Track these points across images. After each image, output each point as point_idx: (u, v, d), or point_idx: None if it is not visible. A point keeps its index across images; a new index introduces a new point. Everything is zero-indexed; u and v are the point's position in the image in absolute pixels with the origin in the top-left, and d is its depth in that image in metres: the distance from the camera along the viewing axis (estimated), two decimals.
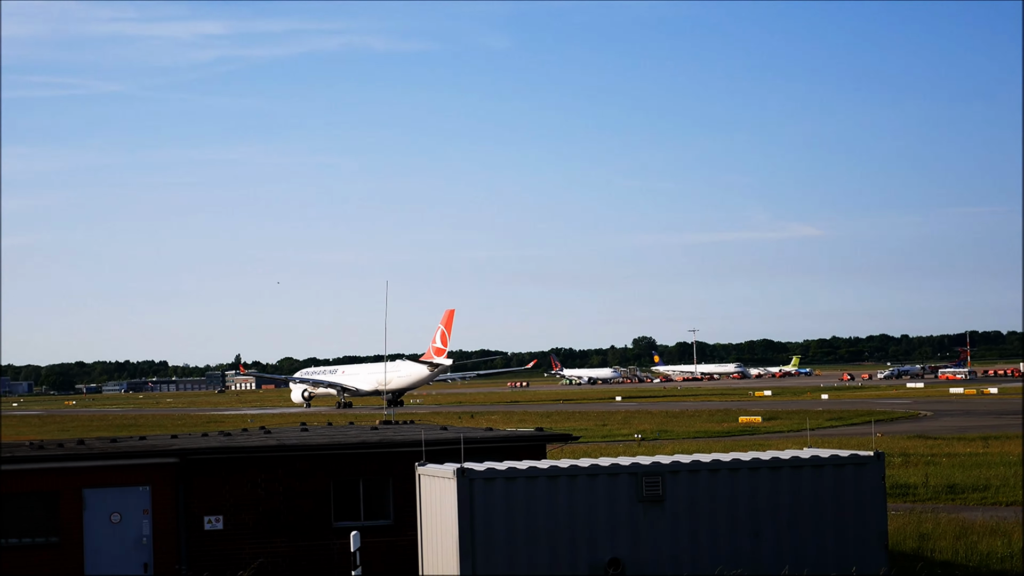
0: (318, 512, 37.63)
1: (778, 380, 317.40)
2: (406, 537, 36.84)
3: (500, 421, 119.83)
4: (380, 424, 49.11)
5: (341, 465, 37.91)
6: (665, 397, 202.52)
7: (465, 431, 42.53)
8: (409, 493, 36.00)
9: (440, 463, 32.14)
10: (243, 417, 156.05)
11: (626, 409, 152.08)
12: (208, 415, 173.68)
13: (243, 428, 52.02)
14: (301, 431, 45.46)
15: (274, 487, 37.52)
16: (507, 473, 30.20)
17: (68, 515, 35.88)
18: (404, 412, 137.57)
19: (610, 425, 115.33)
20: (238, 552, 36.91)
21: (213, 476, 37.17)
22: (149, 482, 36.57)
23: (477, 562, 29.74)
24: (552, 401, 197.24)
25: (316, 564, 37.25)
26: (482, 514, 29.93)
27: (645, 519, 30.60)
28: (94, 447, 39.04)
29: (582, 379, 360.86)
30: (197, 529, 36.87)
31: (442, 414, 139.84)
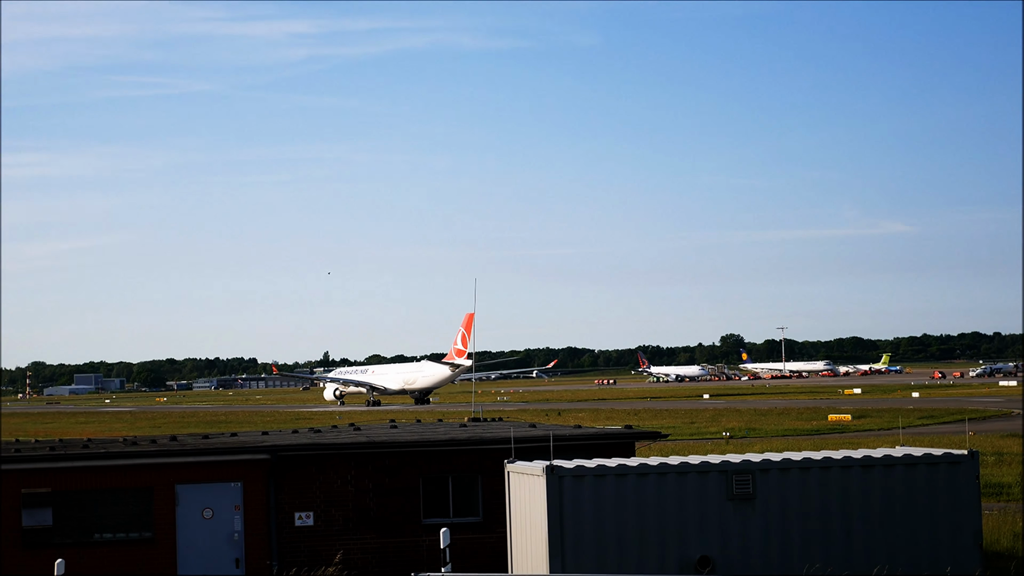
0: (407, 509, 37.78)
1: (867, 378, 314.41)
2: (495, 534, 36.90)
3: (587, 419, 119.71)
4: (469, 421, 49.21)
5: (430, 462, 38.03)
6: (753, 395, 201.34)
7: (554, 428, 42.51)
8: (498, 490, 36.04)
9: (529, 460, 32.14)
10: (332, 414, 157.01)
11: (714, 407, 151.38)
12: (297, 412, 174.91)
13: (333, 425, 52.27)
14: (391, 428, 45.64)
15: (364, 484, 37.70)
16: (596, 470, 30.16)
17: (161, 511, 36.26)
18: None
19: (698, 423, 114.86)
20: (328, 548, 37.13)
21: (304, 472, 37.41)
22: (241, 478, 36.87)
23: (566, 559, 29.72)
24: (639, 399, 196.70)
25: (405, 560, 37.38)
26: (571, 511, 29.91)
27: (735, 517, 30.45)
28: (187, 443, 39.45)
29: (669, 377, 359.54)
30: (288, 525, 37.13)
31: (529, 411, 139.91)
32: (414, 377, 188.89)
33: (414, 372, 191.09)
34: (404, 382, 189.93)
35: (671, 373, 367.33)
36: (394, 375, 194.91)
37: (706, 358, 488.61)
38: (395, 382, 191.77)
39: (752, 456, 31.77)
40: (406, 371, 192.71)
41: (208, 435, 44.04)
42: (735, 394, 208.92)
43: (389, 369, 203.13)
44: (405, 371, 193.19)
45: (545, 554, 29.84)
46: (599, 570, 29.63)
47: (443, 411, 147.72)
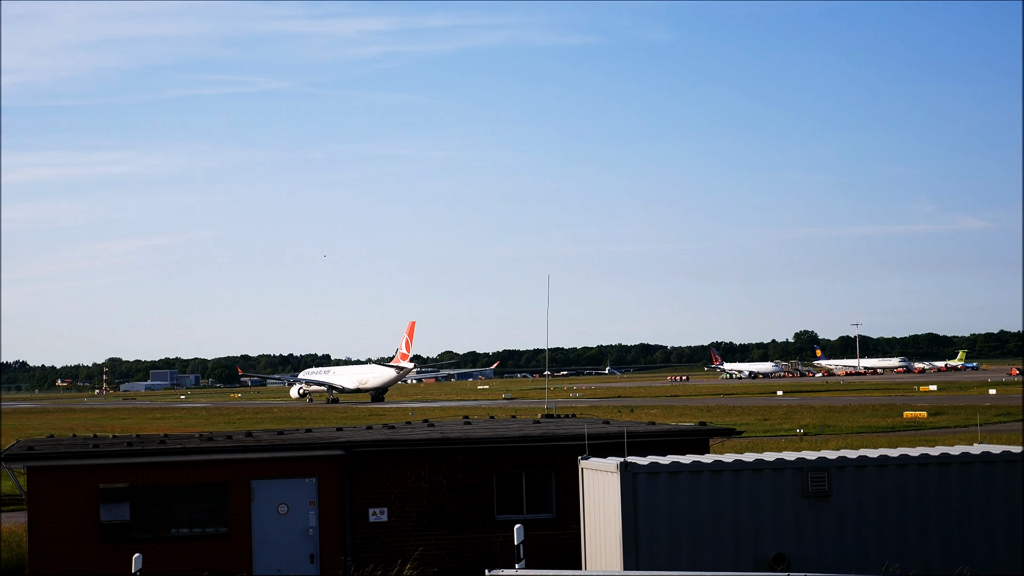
0: (481, 505, 37.82)
1: (943, 375, 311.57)
2: (569, 531, 36.88)
3: (660, 415, 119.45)
4: (542, 418, 49.20)
5: (504, 458, 38.04)
6: (827, 392, 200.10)
7: (627, 425, 42.44)
8: (572, 487, 36.03)
9: (603, 457, 32.07)
10: (405, 410, 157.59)
11: (788, 404, 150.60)
12: (370, 408, 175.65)
13: (407, 421, 52.42)
14: (464, 424, 45.71)
15: (437, 480, 37.78)
16: (671, 467, 30.05)
17: (237, 506, 36.50)
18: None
19: (771, 420, 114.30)
20: (402, 544, 37.23)
21: (378, 468, 37.54)
22: (315, 474, 37.04)
23: (640, 556, 29.64)
24: (712, 395, 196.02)
25: (479, 557, 37.43)
26: (645, 508, 29.82)
27: (810, 514, 30.25)
28: (262, 439, 39.70)
29: (743, 373, 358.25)
30: (362, 521, 37.28)
31: (601, 408, 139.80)
32: (366, 378, 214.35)
33: (366, 373, 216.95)
34: (358, 382, 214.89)
35: (744, 370, 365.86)
36: (350, 376, 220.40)
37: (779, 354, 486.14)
38: (351, 382, 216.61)
39: (828, 453, 31.55)
40: (359, 372, 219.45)
41: (283, 431, 44.28)
42: (809, 391, 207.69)
43: (346, 371, 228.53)
44: (359, 372, 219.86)
45: (619, 551, 29.78)
46: (673, 567, 29.52)
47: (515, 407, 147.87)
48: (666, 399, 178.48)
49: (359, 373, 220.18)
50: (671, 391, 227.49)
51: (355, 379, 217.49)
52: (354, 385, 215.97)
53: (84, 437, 46.08)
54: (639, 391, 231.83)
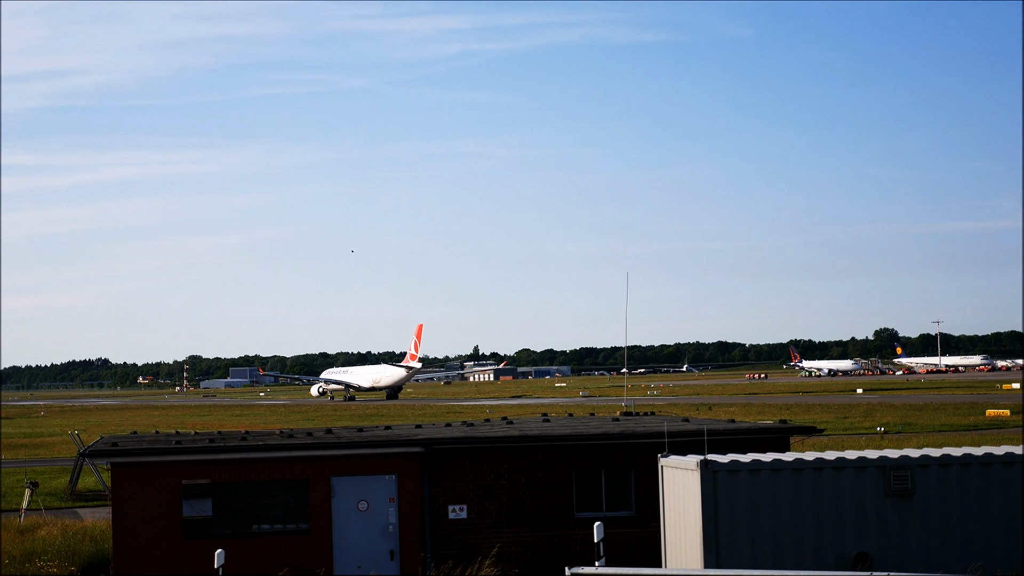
0: (560, 502, 37.79)
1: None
2: (648, 528, 36.77)
3: (738, 413, 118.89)
4: (621, 415, 49.10)
5: (583, 456, 37.99)
6: (908, 390, 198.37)
7: (707, 423, 42.27)
8: (651, 484, 35.93)
9: (682, 455, 31.96)
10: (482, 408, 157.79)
11: (867, 402, 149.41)
12: (448, 405, 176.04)
13: (485, 419, 52.50)
14: (543, 422, 45.69)
15: (517, 477, 37.79)
16: (751, 465, 29.89)
17: (318, 503, 36.69)
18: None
19: (851, 418, 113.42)
20: (481, 541, 37.26)
21: (457, 465, 37.60)
22: (395, 471, 37.15)
23: (721, 554, 29.50)
24: (791, 393, 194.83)
25: (558, 554, 37.40)
26: (726, 506, 29.68)
27: (893, 513, 29.98)
28: (342, 436, 39.85)
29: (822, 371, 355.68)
30: (441, 518, 37.35)
31: (680, 406, 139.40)
32: (379, 377, 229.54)
33: (379, 373, 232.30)
34: (372, 380, 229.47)
35: (823, 367, 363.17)
36: (365, 375, 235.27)
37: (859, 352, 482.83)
38: (366, 381, 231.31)
39: (910, 451, 31.26)
40: (373, 372, 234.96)
41: (362, 428, 44.46)
42: (889, 389, 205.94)
43: (362, 370, 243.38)
44: (373, 372, 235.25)
45: (699, 549, 29.66)
46: (754, 565, 29.37)
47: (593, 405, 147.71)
48: (744, 397, 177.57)
49: (373, 373, 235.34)
50: (749, 389, 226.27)
51: (370, 378, 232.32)
52: (369, 384, 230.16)
53: (166, 434, 46.49)
54: (717, 389, 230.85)
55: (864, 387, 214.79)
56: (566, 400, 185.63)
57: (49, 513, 54.82)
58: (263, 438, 40.25)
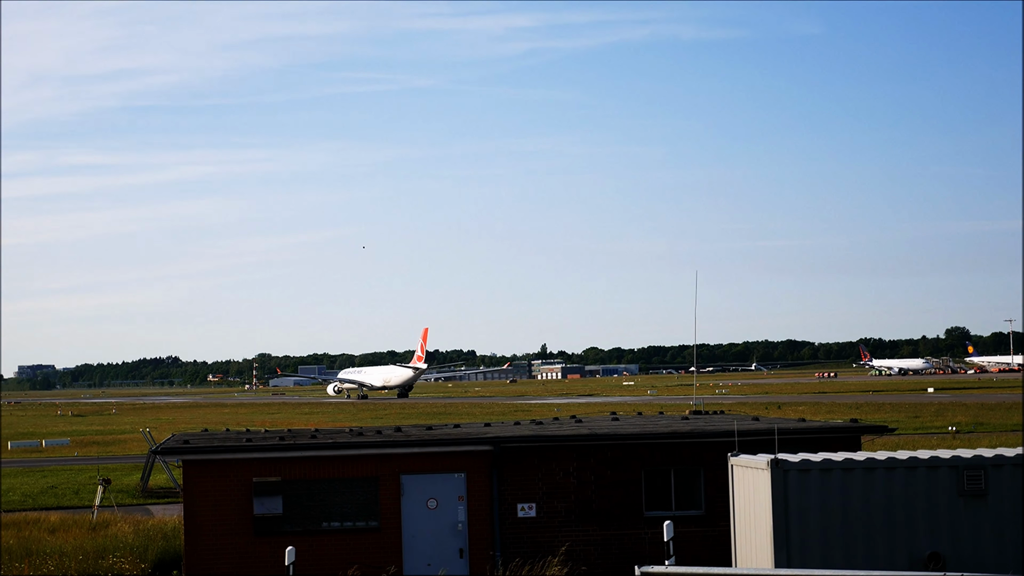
0: (629, 501, 37.70)
1: None
2: (718, 528, 36.63)
3: (808, 412, 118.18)
4: (691, 414, 48.94)
5: (653, 454, 37.89)
6: (980, 389, 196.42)
7: (777, 422, 42.04)
8: (721, 483, 35.77)
9: (752, 454, 31.80)
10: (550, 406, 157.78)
11: (939, 401, 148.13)
12: (515, 404, 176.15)
13: (554, 417, 52.47)
14: (612, 420, 45.61)
15: (586, 476, 37.73)
16: (822, 464, 29.68)
17: (387, 500, 36.79)
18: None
19: (922, 417, 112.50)
20: (550, 540, 37.24)
21: (526, 464, 37.58)
22: (464, 469, 37.18)
23: (792, 554, 29.32)
24: (861, 392, 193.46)
25: (627, 553, 37.33)
26: (796, 505, 29.49)
27: (966, 514, 29.66)
28: (411, 434, 39.95)
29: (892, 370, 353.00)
30: (510, 516, 37.35)
31: (749, 404, 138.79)
32: (389, 376, 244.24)
33: (389, 373, 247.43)
34: (384, 380, 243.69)
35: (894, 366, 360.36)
36: (377, 375, 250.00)
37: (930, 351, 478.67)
38: (378, 380, 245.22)
39: (984, 451, 30.93)
40: (384, 372, 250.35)
41: (431, 426, 44.54)
42: (961, 388, 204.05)
43: (374, 371, 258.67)
44: (384, 372, 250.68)
45: (770, 548, 29.50)
46: (825, 565, 29.16)
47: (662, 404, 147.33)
48: (814, 396, 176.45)
49: (384, 373, 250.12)
50: (819, 388, 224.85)
51: (381, 378, 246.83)
52: (380, 383, 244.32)
53: (237, 431, 46.80)
54: (786, 388, 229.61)
55: (935, 386, 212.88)
56: (634, 399, 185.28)
57: (121, 510, 55.33)
58: (333, 436, 40.39)
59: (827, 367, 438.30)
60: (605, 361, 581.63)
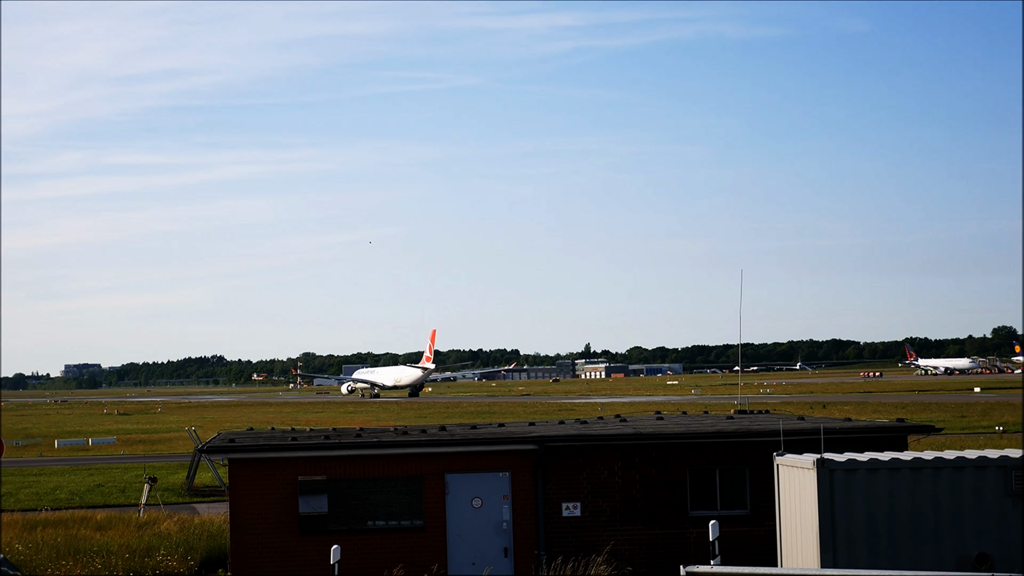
0: (674, 500, 37.62)
1: None
2: (763, 527, 36.51)
3: (853, 411, 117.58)
4: (735, 413, 48.80)
5: (698, 454, 37.79)
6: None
7: (823, 421, 41.85)
8: (766, 483, 35.66)
9: (798, 453, 31.68)
10: (594, 405, 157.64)
11: (985, 400, 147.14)
12: (559, 403, 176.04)
13: (598, 416, 52.40)
14: (656, 420, 45.53)
15: (630, 475, 37.67)
16: (868, 464, 29.55)
17: (432, 499, 36.82)
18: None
19: (969, 417, 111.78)
20: (595, 539, 37.20)
21: (570, 463, 37.55)
22: (509, 468, 37.19)
23: (838, 554, 29.20)
24: (907, 392, 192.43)
25: (672, 552, 37.24)
26: (843, 505, 29.37)
27: (1015, 514, 29.46)
28: (456, 433, 39.95)
29: (938, 369, 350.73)
30: (555, 515, 37.32)
31: (793, 404, 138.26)
32: (399, 376, 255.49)
33: (399, 373, 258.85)
34: (394, 380, 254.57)
35: (940, 366, 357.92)
36: (388, 375, 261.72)
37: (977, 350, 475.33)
38: (389, 380, 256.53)
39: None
40: (395, 372, 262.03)
41: (476, 425, 44.56)
42: (1008, 387, 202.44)
43: (385, 371, 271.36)
44: (394, 372, 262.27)
45: (816, 548, 29.38)
46: (871, 565, 29.03)
47: (706, 403, 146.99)
48: (859, 395, 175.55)
49: (395, 373, 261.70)
50: (864, 387, 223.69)
51: (392, 377, 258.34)
52: (391, 383, 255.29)
53: (282, 430, 46.92)
54: (831, 387, 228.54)
55: (982, 386, 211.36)
56: (678, 398, 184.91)
57: (167, 508, 55.58)
58: (378, 435, 40.45)
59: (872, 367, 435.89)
60: (649, 360, 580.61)
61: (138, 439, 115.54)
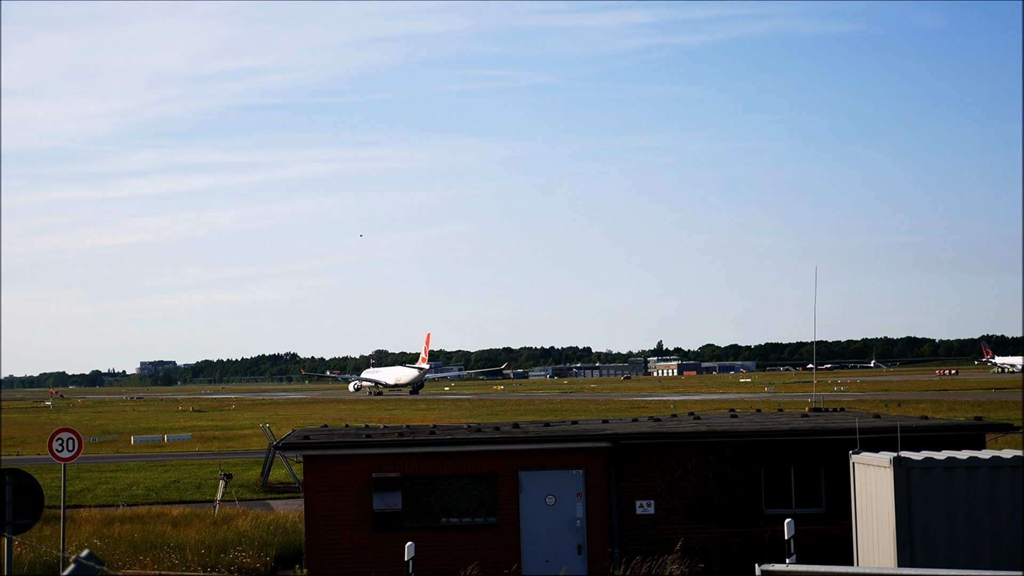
0: (748, 498, 37.45)
1: None
2: (839, 526, 36.28)
3: (929, 410, 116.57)
4: (810, 411, 48.51)
5: (772, 452, 37.60)
6: None
7: (899, 419, 41.51)
8: (842, 481, 35.42)
9: (874, 451, 31.43)
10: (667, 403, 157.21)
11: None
12: (631, 400, 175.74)
13: (672, 414, 52.26)
14: (731, 417, 45.33)
15: (704, 473, 37.54)
16: (946, 462, 29.25)
17: (505, 496, 36.86)
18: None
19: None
20: (669, 537, 37.11)
21: (644, 461, 37.47)
22: (582, 466, 37.16)
23: (915, 553, 28.92)
24: (983, 390, 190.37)
25: (747, 551, 37.08)
26: (920, 504, 29.09)
27: None
28: (529, 431, 39.95)
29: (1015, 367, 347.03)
30: (629, 513, 37.26)
31: (867, 402, 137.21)
32: (400, 376, 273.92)
33: (399, 373, 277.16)
34: (395, 379, 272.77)
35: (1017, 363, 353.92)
36: (390, 374, 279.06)
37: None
38: (391, 379, 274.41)
39: None
40: (396, 372, 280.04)
41: (549, 423, 44.54)
42: None
43: (388, 371, 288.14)
44: (395, 372, 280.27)
45: (893, 547, 29.13)
46: (949, 565, 28.73)
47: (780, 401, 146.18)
48: (934, 393, 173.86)
49: (395, 373, 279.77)
50: (939, 385, 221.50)
51: (393, 377, 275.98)
52: (393, 381, 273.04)
53: (356, 427, 47.12)
54: (906, 385, 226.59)
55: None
56: (751, 396, 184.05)
57: (242, 504, 55.96)
58: (451, 432, 40.53)
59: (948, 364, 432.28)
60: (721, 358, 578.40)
61: (213, 436, 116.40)
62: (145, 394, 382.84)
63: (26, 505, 31.54)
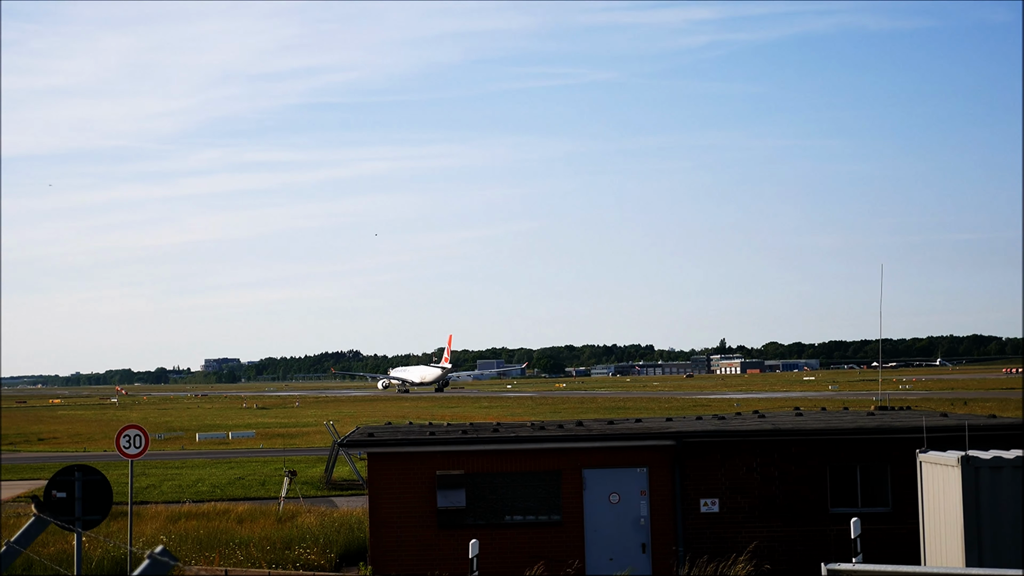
0: (814, 497, 37.23)
1: None
2: (906, 525, 35.99)
3: (996, 408, 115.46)
4: (876, 410, 48.18)
5: (838, 450, 37.36)
6: None
7: (967, 418, 41.14)
8: (908, 480, 35.14)
9: (941, 450, 31.17)
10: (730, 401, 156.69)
11: None
12: (694, 399, 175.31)
13: (736, 412, 52.04)
14: (795, 416, 45.08)
15: (769, 471, 37.36)
16: (1015, 462, 28.96)
17: (569, 494, 36.82)
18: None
19: None
20: (733, 535, 36.96)
21: (708, 459, 37.34)
22: (646, 464, 37.07)
23: (984, 553, 28.66)
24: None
25: (812, 549, 36.85)
26: (988, 503, 28.83)
27: None
28: (593, 428, 39.89)
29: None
30: (693, 511, 37.13)
31: (934, 400, 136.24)
32: (424, 375, 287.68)
33: (424, 372, 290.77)
34: (420, 378, 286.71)
35: None
36: (416, 373, 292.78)
37: None
38: (417, 377, 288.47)
39: None
40: (421, 371, 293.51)
41: (613, 421, 44.46)
42: None
43: (414, 369, 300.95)
44: (421, 371, 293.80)
45: (961, 547, 28.88)
46: (1019, 565, 28.41)
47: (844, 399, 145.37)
48: (1001, 392, 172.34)
49: (421, 372, 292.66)
50: (1007, 384, 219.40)
51: (419, 375, 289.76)
52: (418, 380, 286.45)
53: (420, 425, 47.22)
54: (972, 383, 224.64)
55: None
56: (816, 394, 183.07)
57: (306, 501, 56.22)
58: (515, 430, 40.52)
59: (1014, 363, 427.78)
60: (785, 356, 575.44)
61: (276, 433, 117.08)
62: (209, 391, 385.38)
63: (95, 501, 31.89)
